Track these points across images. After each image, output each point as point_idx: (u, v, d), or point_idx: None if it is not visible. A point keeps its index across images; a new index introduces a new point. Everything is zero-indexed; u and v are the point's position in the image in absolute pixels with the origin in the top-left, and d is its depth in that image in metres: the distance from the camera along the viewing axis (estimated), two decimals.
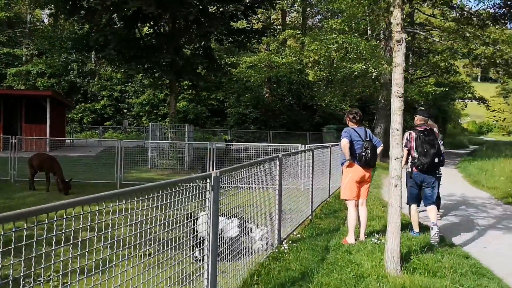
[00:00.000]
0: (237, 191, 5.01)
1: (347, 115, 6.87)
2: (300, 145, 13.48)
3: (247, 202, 5.35)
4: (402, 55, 5.15)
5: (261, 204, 5.85)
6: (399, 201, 5.22)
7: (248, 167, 5.19)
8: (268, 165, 5.98)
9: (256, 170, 5.51)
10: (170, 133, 18.50)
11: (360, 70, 17.72)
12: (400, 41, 5.11)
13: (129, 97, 37.49)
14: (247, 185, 5.23)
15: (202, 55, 18.15)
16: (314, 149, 8.85)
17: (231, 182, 4.67)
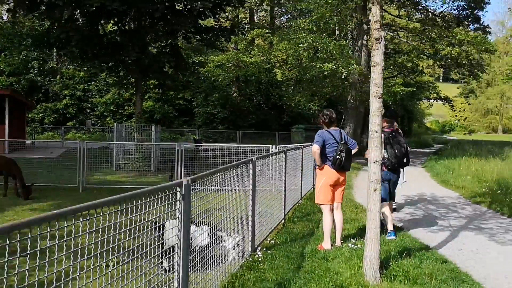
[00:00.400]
0: (207, 193, 4.68)
1: (320, 116, 6.64)
2: (271, 146, 13.23)
3: (217, 205, 5.01)
4: (381, 53, 4.93)
5: (233, 208, 5.52)
6: (378, 206, 5.00)
7: (221, 172, 4.87)
8: (241, 168, 5.67)
9: (228, 175, 5.19)
10: (136, 134, 17.92)
11: (330, 70, 17.62)
12: (379, 39, 4.89)
13: (93, 96, 36.38)
14: (217, 188, 4.90)
15: (169, 53, 17.63)
16: (286, 150, 8.59)
17: (203, 188, 4.34)
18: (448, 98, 31.50)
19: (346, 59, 17.69)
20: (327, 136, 6.34)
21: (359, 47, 20.94)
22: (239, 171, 5.60)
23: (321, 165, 6.37)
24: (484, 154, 23.18)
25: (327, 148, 6.33)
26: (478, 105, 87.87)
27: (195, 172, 14.07)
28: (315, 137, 6.39)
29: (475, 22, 26.70)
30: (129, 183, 14.10)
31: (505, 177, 14.64)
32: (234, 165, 5.44)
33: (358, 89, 20.63)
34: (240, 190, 5.75)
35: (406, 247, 6.43)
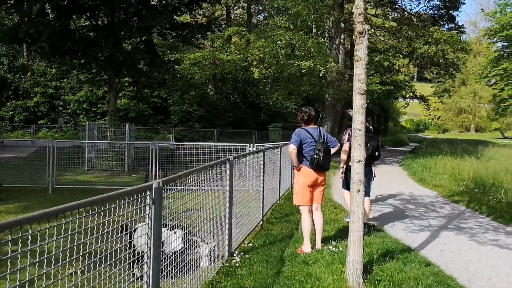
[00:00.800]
0: (182, 194, 4.37)
1: (299, 114, 6.38)
2: (248, 144, 12.95)
3: (193, 207, 4.69)
4: (365, 47, 4.70)
5: (209, 210, 5.21)
6: (361, 208, 4.77)
7: (196, 173, 4.56)
8: (218, 169, 5.37)
9: (204, 175, 4.88)
10: (110, 132, 17.40)
11: (307, 68, 17.42)
12: (362, 32, 4.66)
13: (65, 94, 35.41)
14: (192, 188, 4.59)
15: (143, 49, 17.13)
16: (265, 149, 8.32)
17: (177, 189, 4.03)
18: (424, 97, 31.75)
19: (324, 57, 17.53)
20: (305, 135, 6.08)
21: (337, 45, 20.82)
22: (215, 171, 5.30)
23: (298, 165, 6.13)
24: (459, 153, 23.43)
25: (304, 148, 6.08)
26: (451, 105, 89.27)
27: (171, 172, 13.69)
28: (292, 137, 6.14)
29: (450, 22, 27.01)
30: (101, 183, 13.63)
31: (482, 175, 14.71)
32: (210, 165, 5.14)
33: (336, 88, 20.51)
34: (216, 190, 5.45)
35: (389, 249, 6.24)
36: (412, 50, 19.95)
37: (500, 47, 46.99)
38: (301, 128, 6.19)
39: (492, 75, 48.43)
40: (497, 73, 46.15)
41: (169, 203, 3.91)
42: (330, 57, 18.13)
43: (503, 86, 48.00)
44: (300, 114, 6.30)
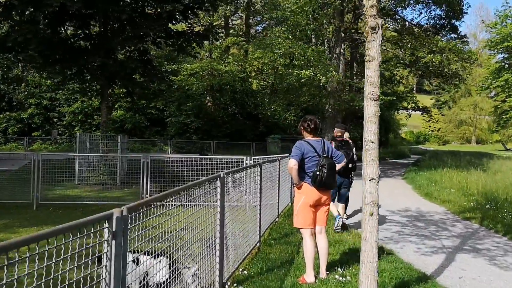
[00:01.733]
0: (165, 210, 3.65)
1: (301, 123, 5.65)
2: (245, 157, 12.22)
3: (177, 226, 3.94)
4: (378, 45, 4.00)
5: (196, 232, 4.44)
6: (375, 235, 4.03)
7: (179, 193, 3.82)
8: (207, 187, 4.64)
9: (190, 195, 4.15)
10: (102, 144, 16.67)
11: (307, 77, 16.77)
12: (375, 28, 3.96)
13: (60, 105, 34.71)
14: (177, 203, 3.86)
15: (137, 59, 16.49)
16: (262, 163, 7.59)
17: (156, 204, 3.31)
18: (426, 108, 31.11)
19: (324, 65, 16.89)
20: (307, 148, 5.35)
21: (337, 55, 20.20)
22: (204, 190, 4.56)
23: (298, 182, 5.40)
24: (464, 166, 22.84)
25: (306, 163, 5.35)
26: (451, 116, 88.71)
27: (163, 186, 12.96)
28: (293, 150, 5.40)
29: (452, 32, 26.48)
30: (90, 199, 12.86)
31: (491, 190, 13.99)
32: (198, 183, 4.40)
33: (336, 98, 19.86)
34: (205, 205, 4.71)
35: (403, 278, 5.49)
36: (416, 60, 19.33)
37: (500, 58, 46.58)
38: (302, 141, 5.46)
39: (493, 86, 48.01)
40: (498, 84, 45.73)
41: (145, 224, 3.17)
42: (330, 66, 17.49)
43: (504, 98, 47.57)
44: (303, 123, 5.56)
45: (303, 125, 5.53)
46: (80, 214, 11.13)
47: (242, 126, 36.57)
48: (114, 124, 33.70)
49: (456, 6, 23.02)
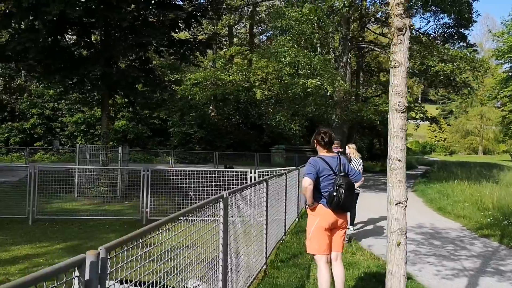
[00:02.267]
0: None
1: (314, 136, 5.11)
2: (249, 170, 11.68)
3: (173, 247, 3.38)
4: (405, 49, 3.47)
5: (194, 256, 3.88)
6: (403, 268, 3.47)
7: (173, 221, 3.28)
8: (208, 210, 4.09)
9: (188, 223, 3.61)
10: (102, 156, 16.19)
11: (313, 86, 16.25)
12: (402, 29, 3.43)
13: (63, 115, 34.31)
14: None
15: (139, 68, 16.04)
16: (268, 178, 7.05)
17: None
18: (435, 118, 30.51)
19: (331, 75, 16.38)
20: (322, 165, 4.81)
21: (344, 64, 19.70)
22: (205, 213, 4.02)
23: (312, 204, 4.83)
24: (475, 177, 22.25)
25: (321, 182, 4.80)
26: (458, 126, 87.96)
27: (163, 199, 12.42)
28: (306, 168, 4.85)
29: (460, 41, 25.96)
30: (89, 213, 12.32)
31: (507, 204, 13.36)
32: (198, 206, 3.85)
33: (343, 108, 19.32)
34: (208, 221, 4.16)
35: None
36: (426, 68, 18.79)
37: (507, 68, 46.04)
38: (316, 157, 4.91)
39: (501, 96, 47.45)
40: (506, 94, 45.19)
41: None
42: (337, 75, 16.99)
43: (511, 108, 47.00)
44: (316, 136, 5.02)
45: (317, 139, 4.99)
46: (77, 230, 10.62)
47: (246, 137, 36.05)
48: (116, 134, 33.25)
49: (466, 14, 22.50)
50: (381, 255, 8.00)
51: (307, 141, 40.11)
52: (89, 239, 9.46)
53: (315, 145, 5.04)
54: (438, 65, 17.11)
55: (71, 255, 1.90)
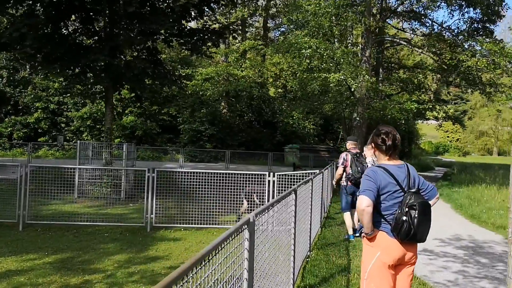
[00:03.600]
0: None
1: (372, 138, 3.78)
2: (267, 173, 10.41)
3: None
4: None
5: None
6: None
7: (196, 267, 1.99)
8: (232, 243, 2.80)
9: None
10: (105, 154, 15.00)
11: (336, 81, 14.91)
12: None
13: (68, 110, 33.19)
14: None
15: (146, 58, 14.80)
16: (297, 188, 5.78)
17: None
18: (459, 118, 29.02)
19: (355, 69, 15.03)
20: (384, 178, 3.46)
21: (367, 58, 18.31)
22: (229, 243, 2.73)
23: (371, 232, 3.49)
24: (501, 180, 20.92)
25: (384, 201, 3.46)
26: (473, 126, 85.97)
27: (171, 203, 11.18)
28: (363, 181, 3.50)
29: (487, 37, 24.45)
30: (89, 216, 11.06)
31: None
32: (220, 243, 2.55)
33: (366, 106, 17.96)
34: None
35: None
36: (456, 64, 17.39)
37: None
38: (377, 167, 3.59)
39: None
40: None
41: None
42: (362, 69, 15.65)
43: None
44: (375, 138, 3.68)
45: (375, 141, 3.66)
46: (72, 238, 9.40)
47: (258, 135, 34.75)
48: (124, 130, 32.12)
49: (495, 7, 21.04)
50: (424, 277, 6.72)
51: (321, 140, 38.74)
52: (84, 250, 8.25)
53: (373, 150, 3.73)
54: (471, 60, 15.68)
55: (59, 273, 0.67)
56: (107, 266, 7.18)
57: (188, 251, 8.38)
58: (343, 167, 9.01)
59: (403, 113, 17.12)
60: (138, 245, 8.80)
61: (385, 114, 17.01)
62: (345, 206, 9.20)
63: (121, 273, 6.83)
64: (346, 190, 9.11)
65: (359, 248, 8.38)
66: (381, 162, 3.60)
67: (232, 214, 10.71)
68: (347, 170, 8.97)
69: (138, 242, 9.01)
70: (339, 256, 7.69)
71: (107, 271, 6.93)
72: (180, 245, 8.85)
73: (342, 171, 9.06)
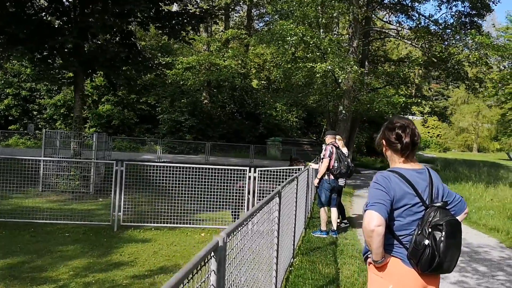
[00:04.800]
0: None
1: (384, 133, 2.89)
2: (248, 168, 9.53)
3: None
4: None
5: None
6: None
7: None
8: None
9: None
10: (73, 144, 13.94)
11: (322, 72, 14.07)
12: None
13: (41, 97, 31.70)
14: None
15: (120, 42, 13.72)
16: (281, 189, 4.92)
17: None
18: (444, 113, 28.52)
19: (343, 59, 14.22)
20: (400, 187, 2.57)
21: (354, 49, 17.50)
22: None
23: (381, 259, 2.61)
24: (486, 179, 20.59)
25: (398, 217, 2.59)
26: (453, 123, 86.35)
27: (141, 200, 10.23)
28: (371, 190, 2.60)
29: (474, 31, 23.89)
30: (50, 214, 10.02)
31: None
32: (182, 278, 1.68)
33: (352, 98, 17.20)
34: None
35: None
36: (446, 57, 16.73)
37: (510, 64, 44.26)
38: (389, 171, 2.71)
39: (501, 94, 45.90)
40: (509, 91, 43.59)
41: None
42: (350, 59, 14.85)
43: None
44: (388, 132, 2.78)
45: (387, 137, 2.78)
46: (28, 238, 8.38)
47: (240, 127, 33.80)
48: (100, 119, 30.84)
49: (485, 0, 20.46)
50: None
51: (304, 133, 38.02)
52: (39, 253, 7.29)
53: (384, 149, 2.85)
54: (462, 53, 15.02)
55: (3, 282, 0.56)
56: (61, 275, 6.24)
57: (157, 256, 7.48)
58: (328, 159, 8.69)
59: (391, 107, 16.40)
60: (101, 247, 7.86)
61: (372, 108, 16.28)
62: (324, 201, 8.90)
63: (76, 283, 5.90)
64: (329, 183, 8.79)
65: (347, 254, 7.61)
66: (395, 165, 2.73)
67: (209, 211, 9.84)
68: (331, 163, 8.69)
69: (102, 244, 8.06)
70: (326, 264, 6.89)
71: (60, 280, 6.00)
72: (149, 248, 7.94)
73: (328, 163, 8.71)
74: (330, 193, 8.85)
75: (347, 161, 8.78)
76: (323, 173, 8.81)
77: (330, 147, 8.75)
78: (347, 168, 8.71)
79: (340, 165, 8.64)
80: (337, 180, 8.85)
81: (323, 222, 8.92)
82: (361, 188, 18.43)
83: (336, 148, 8.77)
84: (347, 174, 8.87)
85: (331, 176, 8.75)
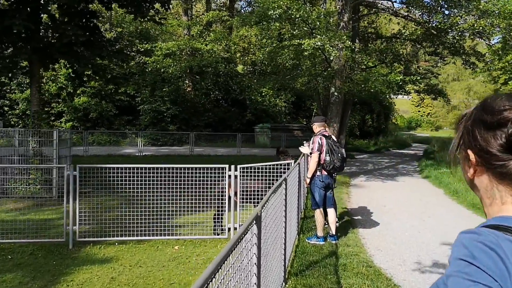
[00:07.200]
0: None
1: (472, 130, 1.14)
2: (227, 166, 7.96)
3: None
4: None
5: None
6: None
7: None
8: None
9: None
10: (33, 142, 12.28)
11: (312, 49, 12.47)
12: None
13: (12, 91, 29.77)
14: None
15: (78, 24, 11.98)
16: (262, 207, 3.37)
17: None
18: (442, 91, 27.12)
19: (334, 34, 12.62)
20: None
21: (345, 23, 15.88)
22: None
23: None
24: None
25: None
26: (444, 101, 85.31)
27: (102, 209, 8.61)
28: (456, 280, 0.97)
29: None
30: (5, 222, 8.43)
31: None
32: None
33: (345, 79, 15.64)
34: None
35: None
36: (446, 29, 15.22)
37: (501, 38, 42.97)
38: (495, 231, 1.02)
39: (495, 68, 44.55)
40: (502, 66, 42.25)
41: None
42: (342, 34, 13.25)
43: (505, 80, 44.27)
44: (489, 132, 1.04)
45: (486, 144, 1.13)
46: None
47: (226, 114, 32.13)
48: (76, 113, 29.04)
49: None
50: None
51: (294, 118, 36.47)
52: None
53: (467, 168, 1.20)
54: (468, 21, 13.50)
55: None
56: None
57: (114, 283, 5.94)
58: (318, 154, 7.50)
59: (388, 86, 14.88)
60: (46, 274, 6.30)
61: (367, 88, 14.75)
62: (318, 202, 7.67)
63: None
64: (322, 180, 7.60)
65: (352, 271, 6.12)
66: (504, 212, 1.13)
67: (185, 216, 8.30)
68: (321, 157, 7.51)
69: (49, 270, 6.50)
70: None
71: None
72: (106, 272, 6.39)
73: (318, 159, 7.51)
74: (325, 191, 7.68)
75: (340, 152, 7.54)
76: (314, 170, 7.59)
77: (319, 138, 7.55)
78: (342, 160, 7.54)
79: (333, 158, 7.45)
80: (331, 176, 7.74)
81: (319, 227, 7.65)
82: (357, 175, 16.97)
83: (326, 137, 7.57)
84: (342, 168, 7.77)
85: (324, 172, 7.58)
